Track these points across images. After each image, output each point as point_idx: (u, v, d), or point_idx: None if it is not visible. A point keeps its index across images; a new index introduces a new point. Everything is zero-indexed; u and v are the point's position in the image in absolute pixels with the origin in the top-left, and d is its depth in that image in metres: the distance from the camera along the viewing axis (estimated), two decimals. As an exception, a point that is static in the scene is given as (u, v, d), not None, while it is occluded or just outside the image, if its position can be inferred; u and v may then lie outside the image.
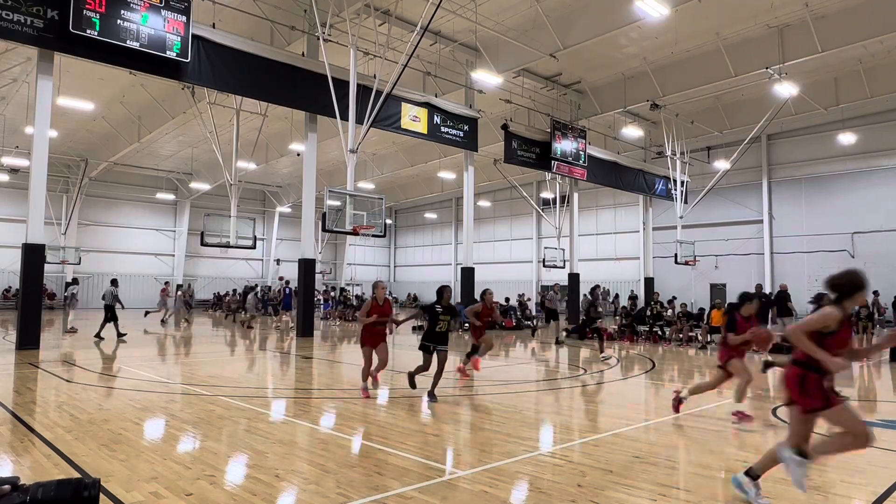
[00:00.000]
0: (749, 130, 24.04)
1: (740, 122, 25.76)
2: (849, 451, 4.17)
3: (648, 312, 19.22)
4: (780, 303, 16.69)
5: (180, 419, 6.87)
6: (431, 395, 7.96)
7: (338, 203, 16.97)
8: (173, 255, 40.46)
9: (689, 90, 22.35)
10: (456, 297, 31.58)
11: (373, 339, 8.47)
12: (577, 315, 25.96)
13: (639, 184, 28.68)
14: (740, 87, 22.52)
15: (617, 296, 33.12)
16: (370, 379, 8.65)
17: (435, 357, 8.07)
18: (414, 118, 19.75)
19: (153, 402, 7.95)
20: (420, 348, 8.15)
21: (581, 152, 24.63)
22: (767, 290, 24.62)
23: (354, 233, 16.90)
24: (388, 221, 49.59)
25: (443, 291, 8.24)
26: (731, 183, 29.92)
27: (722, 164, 26.50)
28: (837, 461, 5.46)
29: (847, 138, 25.90)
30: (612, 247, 37.00)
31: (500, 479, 4.81)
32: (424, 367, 8.16)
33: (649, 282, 29.98)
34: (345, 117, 17.23)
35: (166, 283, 28.23)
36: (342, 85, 17.27)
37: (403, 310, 38.53)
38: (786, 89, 20.10)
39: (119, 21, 13.45)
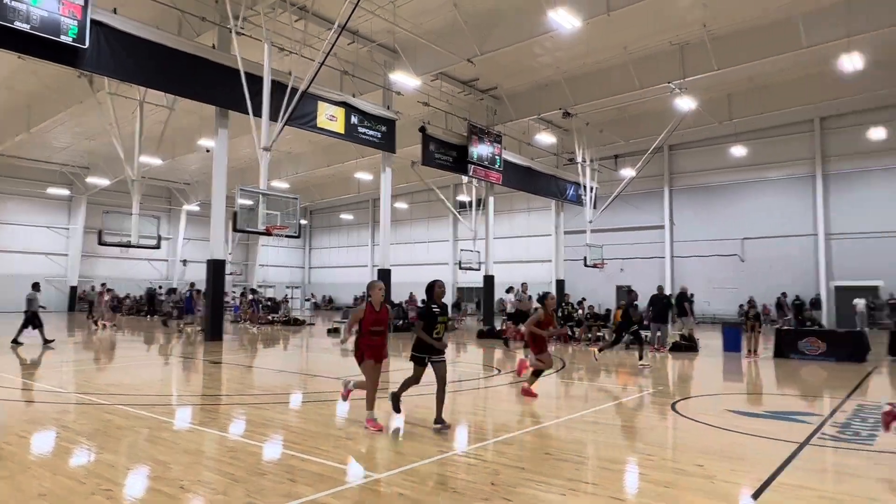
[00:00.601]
0: (653, 140, 25.42)
1: (645, 133, 27.19)
2: None
3: (560, 313, 19.85)
4: (680, 303, 17.78)
5: (74, 431, 6.40)
6: (441, 421, 6.54)
7: (250, 202, 16.43)
8: (67, 255, 37.68)
9: (599, 100, 23.36)
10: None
11: (374, 351, 6.56)
12: (491, 316, 26.48)
13: (551, 189, 29.62)
14: (645, 99, 23.77)
15: (530, 297, 33.99)
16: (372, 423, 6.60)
17: (431, 370, 6.59)
18: (330, 117, 19.45)
19: (43, 413, 7.36)
20: (412, 359, 6.67)
21: (497, 157, 25.13)
22: (668, 291, 26.12)
23: (267, 233, 16.44)
24: (303, 222, 48.57)
25: (434, 287, 6.65)
26: (637, 190, 31.50)
27: (628, 172, 27.85)
28: (725, 450, 5.87)
29: (739, 151, 28.05)
30: (525, 249, 37.99)
31: (416, 481, 4.82)
32: (415, 381, 6.78)
33: (561, 284, 31.02)
34: (258, 114, 16.71)
35: (103, 284, 26.54)
36: (256, 80, 16.74)
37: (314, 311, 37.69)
38: (685, 103, 21.39)
39: (5, 0, 12.39)
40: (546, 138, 27.17)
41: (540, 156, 29.50)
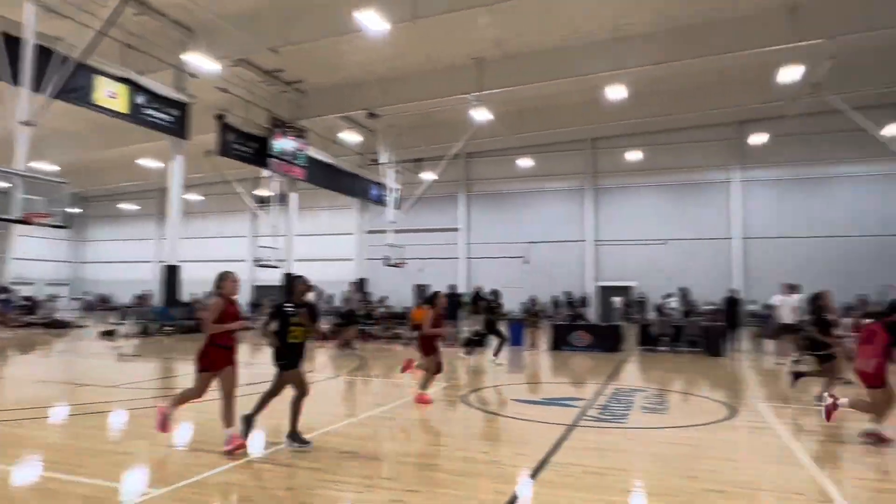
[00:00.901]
0: (452, 147, 26.79)
1: (446, 139, 28.49)
2: None
3: (361, 312, 20.00)
4: (475, 302, 18.98)
5: None
6: (296, 437, 5.94)
7: (5, 185, 13.99)
8: None
9: (403, 104, 23.99)
10: (197, 299, 28.53)
11: (221, 358, 5.71)
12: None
13: (355, 188, 29.70)
14: (445, 108, 24.92)
15: (332, 296, 33.74)
16: (233, 440, 5.69)
17: (280, 378, 5.99)
18: (111, 94, 17.34)
19: None
20: (282, 368, 5.98)
21: (300, 152, 24.53)
22: (462, 290, 27.75)
23: (26, 222, 14.13)
24: (75, 210, 42.61)
25: (294, 283, 6.10)
26: (437, 193, 32.93)
27: (429, 176, 29.00)
28: (509, 436, 6.42)
29: (526, 162, 30.87)
30: (327, 248, 37.61)
31: (205, 493, 4.53)
32: (300, 393, 6.03)
33: (362, 282, 31.26)
34: (18, 82, 14.33)
35: None
36: (14, 43, 14.32)
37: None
38: (481, 115, 22.82)
39: None
40: (351, 137, 27.16)
41: (345, 154, 29.39)
